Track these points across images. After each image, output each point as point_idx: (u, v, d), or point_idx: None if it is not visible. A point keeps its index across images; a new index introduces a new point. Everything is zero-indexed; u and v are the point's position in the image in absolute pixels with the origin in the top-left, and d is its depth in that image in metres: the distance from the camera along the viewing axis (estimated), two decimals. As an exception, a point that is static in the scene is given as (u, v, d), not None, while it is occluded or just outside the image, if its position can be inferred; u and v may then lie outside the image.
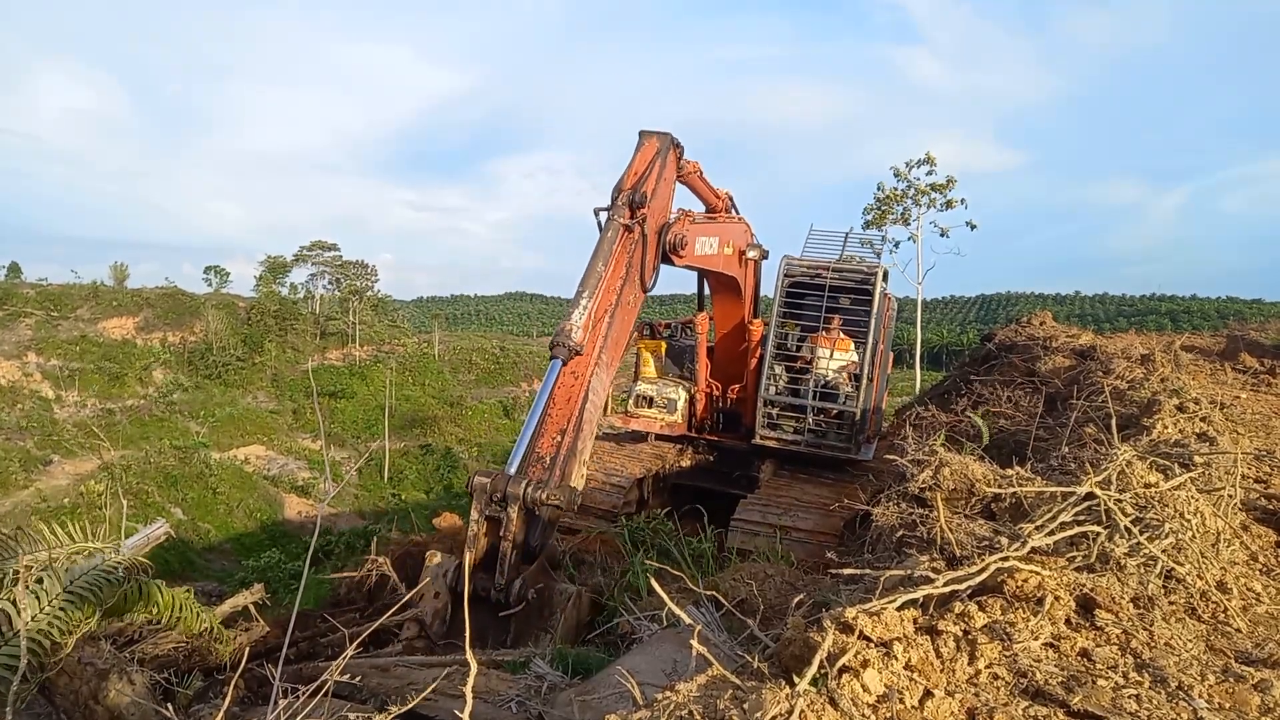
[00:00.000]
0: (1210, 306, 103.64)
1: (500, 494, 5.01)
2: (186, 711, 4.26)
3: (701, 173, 7.78)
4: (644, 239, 6.23)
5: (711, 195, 8.49)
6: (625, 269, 6.08)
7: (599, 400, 5.89)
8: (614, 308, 5.96)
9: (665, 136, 6.59)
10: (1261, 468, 5.30)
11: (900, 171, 36.88)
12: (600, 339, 5.83)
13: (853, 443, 9.49)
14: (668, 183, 6.66)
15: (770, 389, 9.86)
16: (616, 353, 6.11)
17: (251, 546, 33.83)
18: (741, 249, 9.19)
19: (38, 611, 3.08)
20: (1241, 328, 17.42)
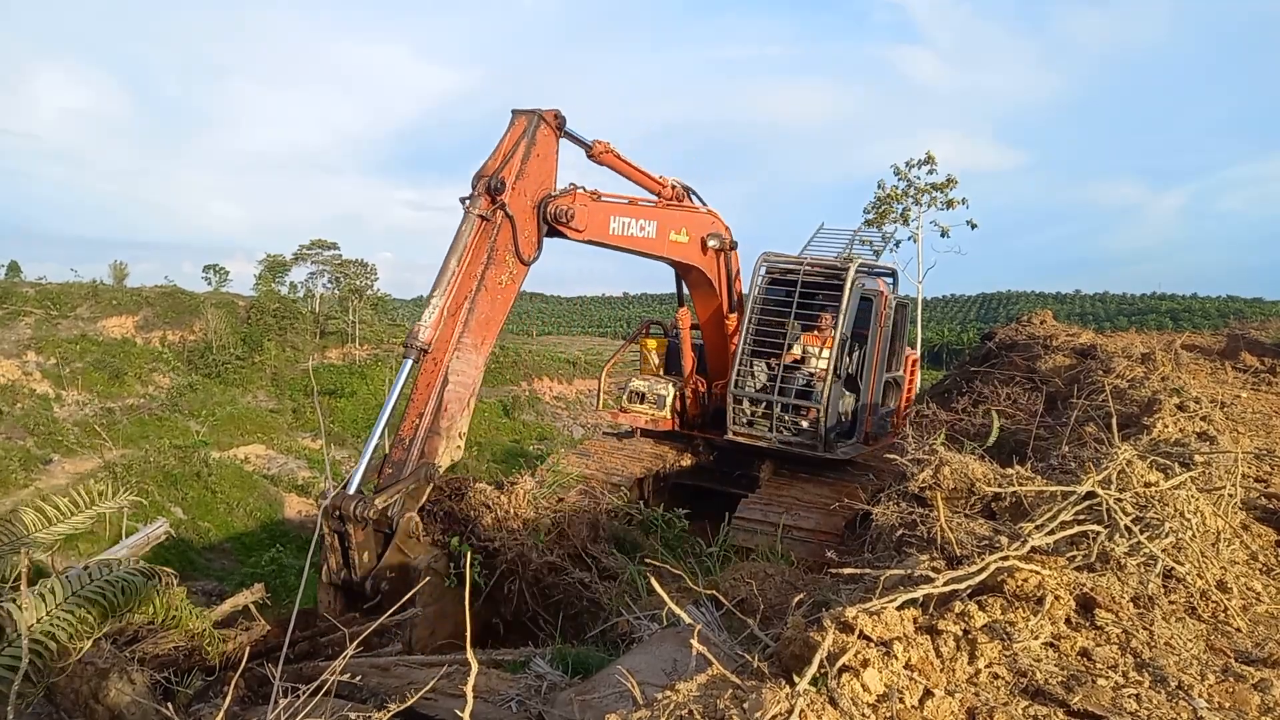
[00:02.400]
0: (1210, 305, 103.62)
1: (338, 512, 5.56)
2: (186, 711, 4.26)
3: (617, 153, 7.85)
4: (511, 220, 6.37)
5: (647, 180, 8.55)
6: (486, 255, 6.24)
7: (466, 380, 6.14)
8: (474, 293, 6.14)
9: (533, 113, 6.71)
10: (1262, 467, 5.30)
11: (901, 170, 36.86)
12: (459, 325, 6.07)
13: (819, 441, 9.45)
14: (542, 158, 6.76)
15: (747, 385, 9.90)
16: (485, 333, 6.30)
17: (252, 546, 33.82)
18: (702, 237, 9.22)
19: (43, 614, 3.07)
20: (1242, 326, 17.41)
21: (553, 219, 6.76)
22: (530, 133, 6.64)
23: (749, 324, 9.96)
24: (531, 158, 6.63)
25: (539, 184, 6.72)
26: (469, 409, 6.22)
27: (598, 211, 7.43)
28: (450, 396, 6.01)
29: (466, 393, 6.15)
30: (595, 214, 7.37)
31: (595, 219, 7.37)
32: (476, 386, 6.28)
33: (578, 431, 52.67)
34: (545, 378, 65.35)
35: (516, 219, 6.41)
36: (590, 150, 7.58)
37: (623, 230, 7.84)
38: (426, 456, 5.90)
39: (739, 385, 9.89)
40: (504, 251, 6.41)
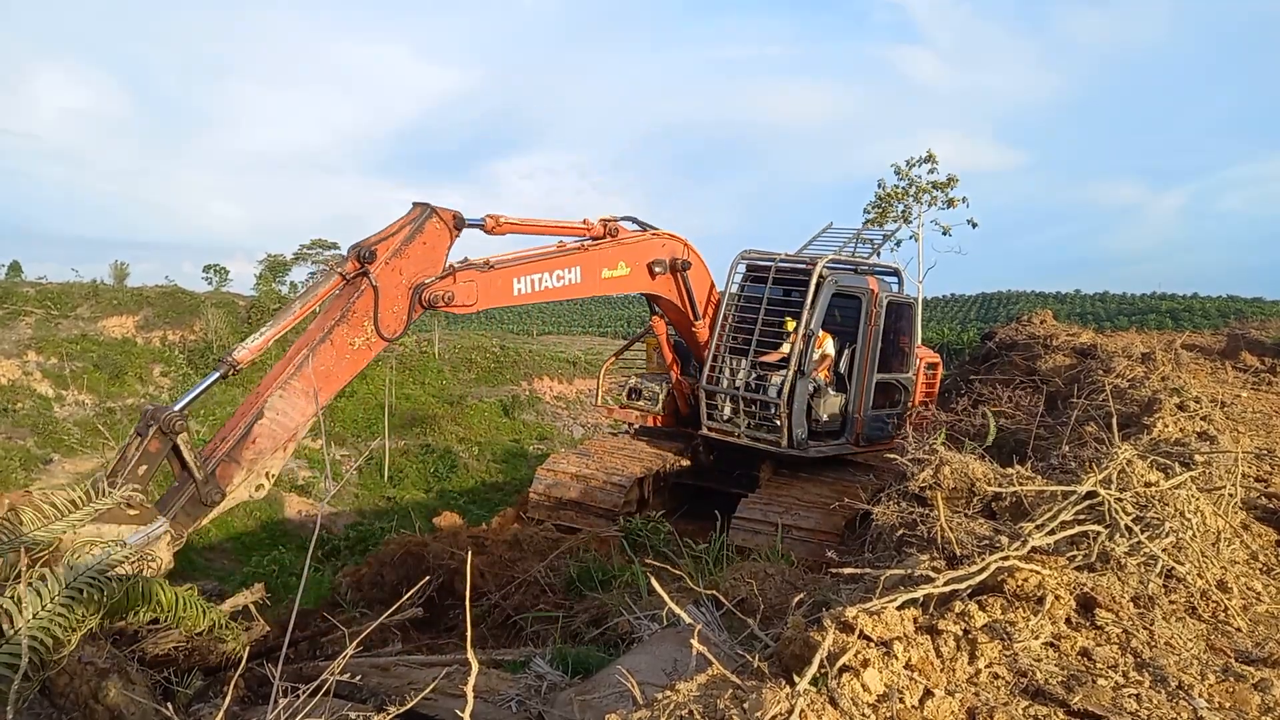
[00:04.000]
0: (1211, 305, 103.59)
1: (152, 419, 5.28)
2: (186, 711, 4.26)
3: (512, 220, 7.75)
4: (375, 290, 6.38)
5: (563, 229, 8.48)
6: (342, 312, 6.25)
7: (286, 421, 5.98)
8: (318, 344, 6.12)
9: (427, 206, 6.82)
10: (1262, 467, 5.30)
11: (901, 170, 36.84)
12: (292, 367, 6.03)
13: (783, 437, 9.44)
14: (428, 246, 6.79)
15: (721, 381, 9.95)
16: (323, 384, 6.20)
17: (251, 545, 33.81)
18: (647, 264, 9.24)
19: (39, 609, 3.07)
20: (1242, 326, 17.40)
21: (428, 303, 6.82)
22: (419, 222, 6.71)
23: (727, 321, 10.02)
24: (415, 242, 6.66)
25: (419, 269, 6.73)
26: (285, 452, 6.03)
27: (494, 280, 7.41)
28: (262, 431, 5.83)
29: (284, 434, 5.97)
30: (490, 284, 7.35)
31: (490, 289, 7.37)
32: (299, 433, 6.12)
33: (578, 431, 52.67)
34: (545, 377, 65.34)
35: (382, 291, 6.41)
36: (484, 228, 7.50)
37: (533, 288, 7.84)
38: (218, 480, 5.59)
39: (712, 381, 9.96)
40: (361, 317, 6.38)
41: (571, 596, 7.18)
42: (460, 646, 5.96)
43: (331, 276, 6.31)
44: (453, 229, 6.99)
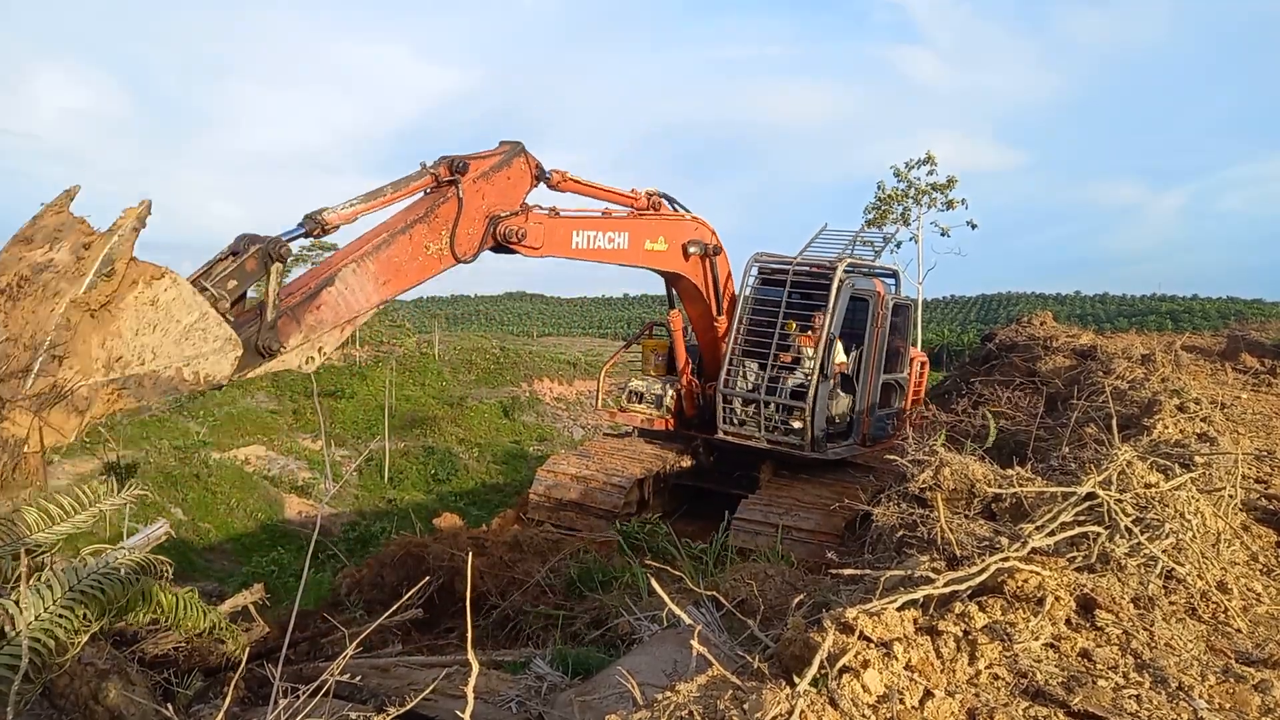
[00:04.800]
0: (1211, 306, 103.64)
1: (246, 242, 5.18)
2: (186, 711, 4.26)
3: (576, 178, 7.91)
4: (460, 203, 6.37)
5: (615, 195, 8.59)
6: (426, 210, 6.20)
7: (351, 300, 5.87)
8: (397, 233, 6.06)
9: (518, 144, 6.95)
10: (1262, 468, 5.30)
11: (900, 171, 36.86)
12: (369, 245, 5.95)
13: (808, 441, 9.45)
14: (511, 181, 6.88)
15: (737, 385, 9.92)
16: (391, 276, 6.13)
17: (252, 546, 33.80)
18: (683, 244, 9.26)
19: (41, 611, 3.07)
20: (1242, 327, 17.40)
21: (502, 238, 6.82)
22: (508, 157, 6.79)
23: (740, 324, 9.99)
24: (501, 174, 6.72)
25: (498, 200, 6.77)
26: (341, 332, 5.92)
27: (557, 228, 7.51)
28: (328, 299, 5.69)
29: (346, 312, 5.83)
30: (553, 231, 7.45)
31: (554, 236, 7.45)
32: (359, 318, 5.99)
33: (578, 432, 52.68)
34: (545, 379, 65.33)
35: (465, 206, 6.40)
36: (549, 181, 7.63)
37: (588, 244, 7.94)
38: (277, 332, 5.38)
39: (729, 385, 9.92)
40: (442, 223, 6.34)
41: (572, 597, 7.18)
42: (460, 647, 5.96)
43: (424, 175, 6.22)
44: (534, 175, 7.12)
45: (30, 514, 3.78)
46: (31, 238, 4.45)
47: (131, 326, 4.40)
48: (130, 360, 4.45)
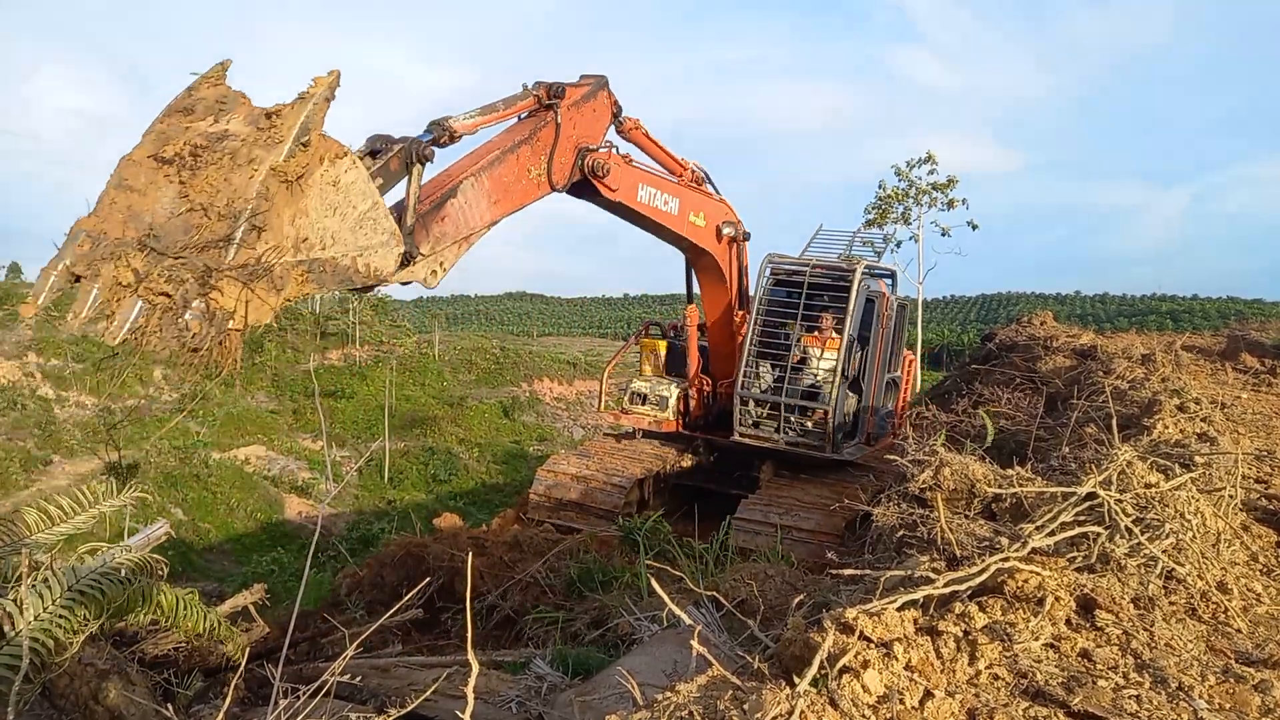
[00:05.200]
0: (1211, 306, 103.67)
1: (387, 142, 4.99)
2: (186, 712, 4.26)
3: (645, 130, 8.00)
4: (558, 128, 6.33)
5: (669, 159, 8.63)
6: (529, 133, 6.15)
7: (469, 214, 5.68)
8: (507, 151, 5.97)
9: (601, 77, 6.97)
10: (1262, 468, 5.30)
11: (901, 171, 36.86)
12: (484, 162, 5.80)
13: (828, 443, 9.46)
14: (595, 113, 6.89)
15: (753, 387, 9.89)
16: (500, 193, 5.96)
17: (252, 547, 33.80)
18: (718, 224, 9.26)
19: (41, 611, 3.08)
20: (1242, 327, 17.39)
21: (590, 170, 6.80)
22: (595, 90, 6.78)
23: (754, 325, 9.95)
24: (589, 104, 6.70)
25: (586, 131, 6.76)
26: (459, 249, 5.66)
27: (629, 175, 7.56)
28: (450, 211, 5.44)
29: (465, 227, 5.60)
30: (626, 177, 7.51)
31: (626, 181, 7.50)
32: (473, 236, 5.76)
33: (578, 432, 52.69)
34: (545, 379, 65.31)
35: (561, 133, 6.33)
36: (621, 126, 7.66)
37: (649, 200, 7.95)
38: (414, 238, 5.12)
39: (745, 387, 9.87)
40: (543, 147, 6.26)
41: (572, 598, 7.18)
42: (460, 648, 5.96)
43: (527, 96, 6.17)
44: (613, 112, 7.18)
45: (30, 514, 3.78)
46: (191, 108, 4.22)
47: (317, 206, 4.14)
48: (314, 242, 4.18)
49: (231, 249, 3.82)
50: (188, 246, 3.83)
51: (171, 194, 3.99)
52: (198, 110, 4.23)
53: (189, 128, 4.15)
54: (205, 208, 3.90)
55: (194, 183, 3.96)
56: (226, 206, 3.87)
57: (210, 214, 3.89)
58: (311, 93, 4.14)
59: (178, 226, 3.91)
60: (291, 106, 4.11)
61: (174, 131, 4.13)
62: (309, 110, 4.07)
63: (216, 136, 4.09)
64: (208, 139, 4.08)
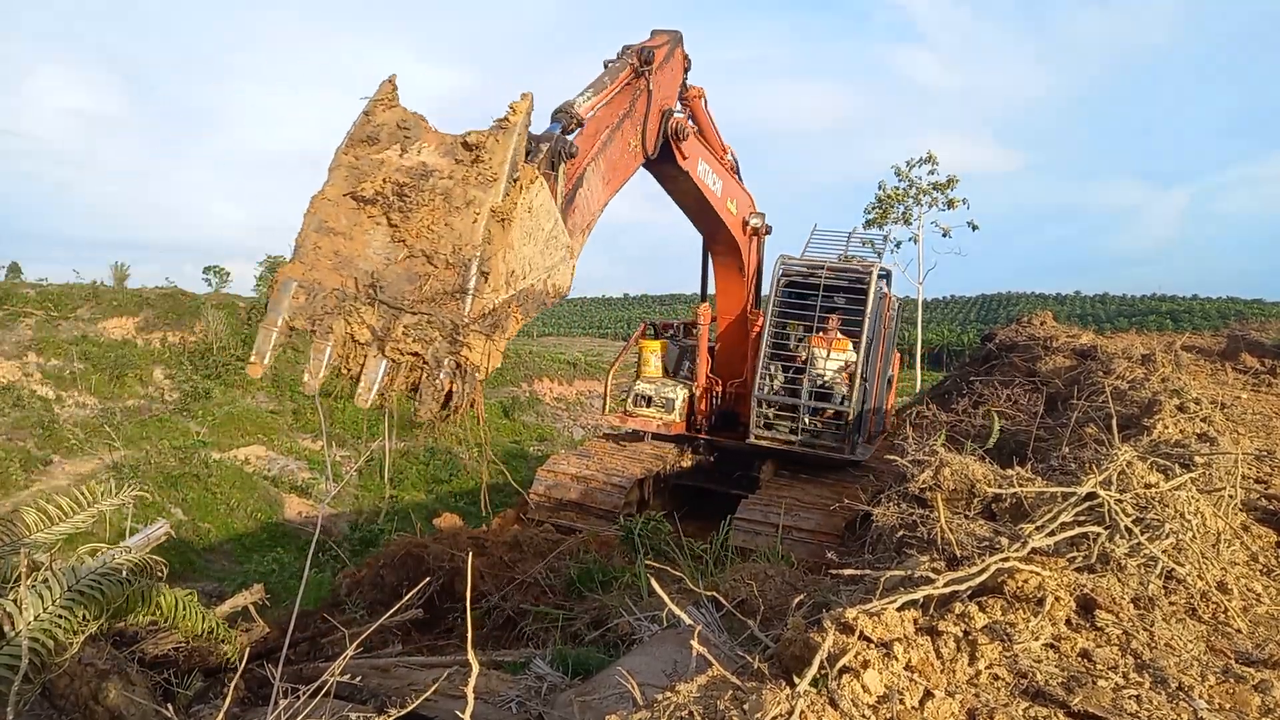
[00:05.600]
0: (1211, 307, 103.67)
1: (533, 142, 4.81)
2: (186, 712, 4.26)
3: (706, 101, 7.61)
4: (649, 96, 6.14)
5: (715, 139, 8.30)
6: (629, 104, 5.98)
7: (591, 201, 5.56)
8: (613, 129, 5.82)
9: (675, 32, 6.61)
10: (1262, 468, 5.29)
11: (901, 171, 36.85)
12: (598, 144, 5.64)
13: (847, 443, 9.48)
14: (672, 72, 6.59)
15: (765, 389, 9.87)
16: (611, 173, 5.84)
17: (252, 547, 33.77)
18: (745, 217, 9.20)
19: (40, 611, 3.07)
20: (1242, 328, 17.37)
21: (673, 134, 6.59)
22: (673, 46, 6.49)
23: (767, 326, 9.94)
24: (669, 64, 6.43)
25: (666, 92, 6.51)
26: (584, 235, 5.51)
27: (696, 146, 7.34)
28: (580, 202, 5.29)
29: (589, 214, 5.47)
30: (695, 147, 7.29)
31: (694, 152, 7.28)
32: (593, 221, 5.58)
33: (578, 433, 52.66)
34: (545, 379, 65.25)
35: (653, 98, 6.15)
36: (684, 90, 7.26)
37: (703, 177, 7.75)
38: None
39: (761, 388, 9.84)
40: (639, 117, 6.07)
41: (572, 598, 7.17)
42: (460, 648, 5.95)
43: (625, 60, 6.01)
44: (686, 68, 6.88)
45: (29, 514, 3.78)
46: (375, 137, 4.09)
47: (519, 236, 4.04)
48: (519, 274, 4.10)
49: (468, 300, 3.75)
50: (422, 299, 3.75)
51: (381, 237, 3.88)
52: (382, 139, 4.11)
53: (381, 161, 4.03)
54: (428, 255, 3.80)
55: (407, 226, 3.84)
56: (453, 254, 3.77)
57: (435, 261, 3.79)
58: (512, 122, 4.03)
59: (400, 274, 3.81)
60: (495, 139, 3.98)
61: (366, 166, 4.01)
62: (515, 143, 3.97)
63: (418, 173, 3.97)
64: (409, 175, 3.96)
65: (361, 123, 4.15)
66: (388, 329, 3.73)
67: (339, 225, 3.91)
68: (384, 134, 4.11)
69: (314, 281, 3.89)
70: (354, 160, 4.03)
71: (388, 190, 3.89)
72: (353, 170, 3.99)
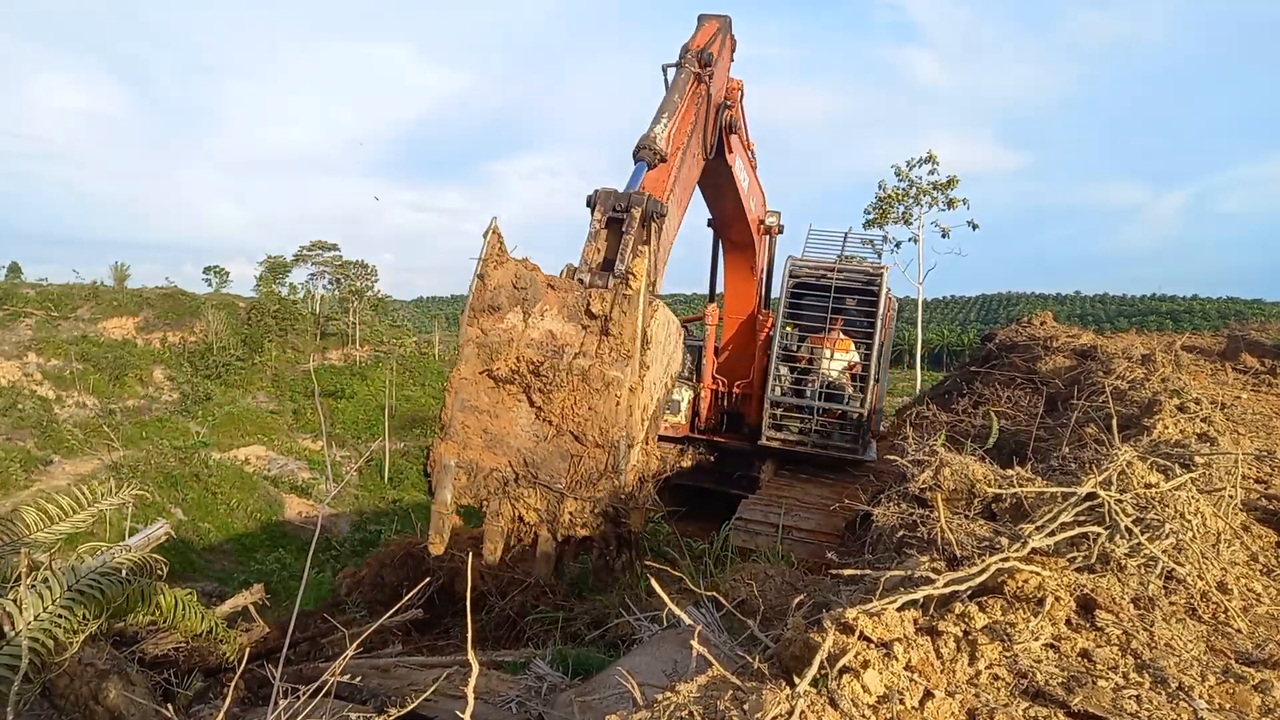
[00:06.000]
0: (1211, 307, 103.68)
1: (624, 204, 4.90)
2: (186, 712, 4.26)
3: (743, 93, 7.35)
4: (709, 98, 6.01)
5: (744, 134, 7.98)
6: (694, 117, 5.87)
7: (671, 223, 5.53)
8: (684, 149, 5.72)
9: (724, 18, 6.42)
10: (1262, 468, 5.29)
11: (902, 171, 36.83)
12: (675, 171, 5.54)
13: (859, 443, 9.51)
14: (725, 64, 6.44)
15: (775, 390, 9.86)
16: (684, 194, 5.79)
17: (252, 547, 33.83)
18: (761, 217, 9.16)
19: (40, 611, 3.07)
20: (1242, 328, 17.38)
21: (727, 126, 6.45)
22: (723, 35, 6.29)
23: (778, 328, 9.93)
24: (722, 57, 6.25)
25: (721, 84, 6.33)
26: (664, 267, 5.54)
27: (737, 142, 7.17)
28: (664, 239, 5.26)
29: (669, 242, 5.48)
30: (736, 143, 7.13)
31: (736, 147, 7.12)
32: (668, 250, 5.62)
33: (578, 432, 52.63)
34: (545, 379, 65.21)
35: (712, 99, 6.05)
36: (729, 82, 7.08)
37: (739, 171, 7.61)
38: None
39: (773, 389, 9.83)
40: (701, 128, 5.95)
41: (572, 598, 7.18)
42: (460, 648, 5.96)
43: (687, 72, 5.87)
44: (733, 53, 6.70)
45: (29, 514, 3.78)
46: (495, 304, 4.25)
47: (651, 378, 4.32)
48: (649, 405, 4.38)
49: (623, 477, 3.97)
50: (578, 480, 4.01)
51: (526, 415, 4.11)
52: (502, 304, 4.24)
53: (508, 334, 4.18)
54: (576, 435, 4.03)
55: (550, 407, 4.05)
56: (601, 435, 3.98)
57: (585, 440, 4.01)
58: (634, 289, 4.19)
59: (551, 452, 4.05)
60: (622, 310, 4.15)
61: (495, 340, 4.16)
62: (642, 314, 4.14)
63: (549, 348, 4.14)
64: (540, 351, 4.13)
65: (479, 289, 4.31)
66: (554, 512, 4.04)
67: (482, 404, 4.17)
68: (503, 298, 4.28)
69: (471, 461, 4.18)
70: (481, 334, 4.22)
71: (523, 369, 4.10)
72: (482, 346, 4.18)
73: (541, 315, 4.22)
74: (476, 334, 4.19)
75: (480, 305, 4.25)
